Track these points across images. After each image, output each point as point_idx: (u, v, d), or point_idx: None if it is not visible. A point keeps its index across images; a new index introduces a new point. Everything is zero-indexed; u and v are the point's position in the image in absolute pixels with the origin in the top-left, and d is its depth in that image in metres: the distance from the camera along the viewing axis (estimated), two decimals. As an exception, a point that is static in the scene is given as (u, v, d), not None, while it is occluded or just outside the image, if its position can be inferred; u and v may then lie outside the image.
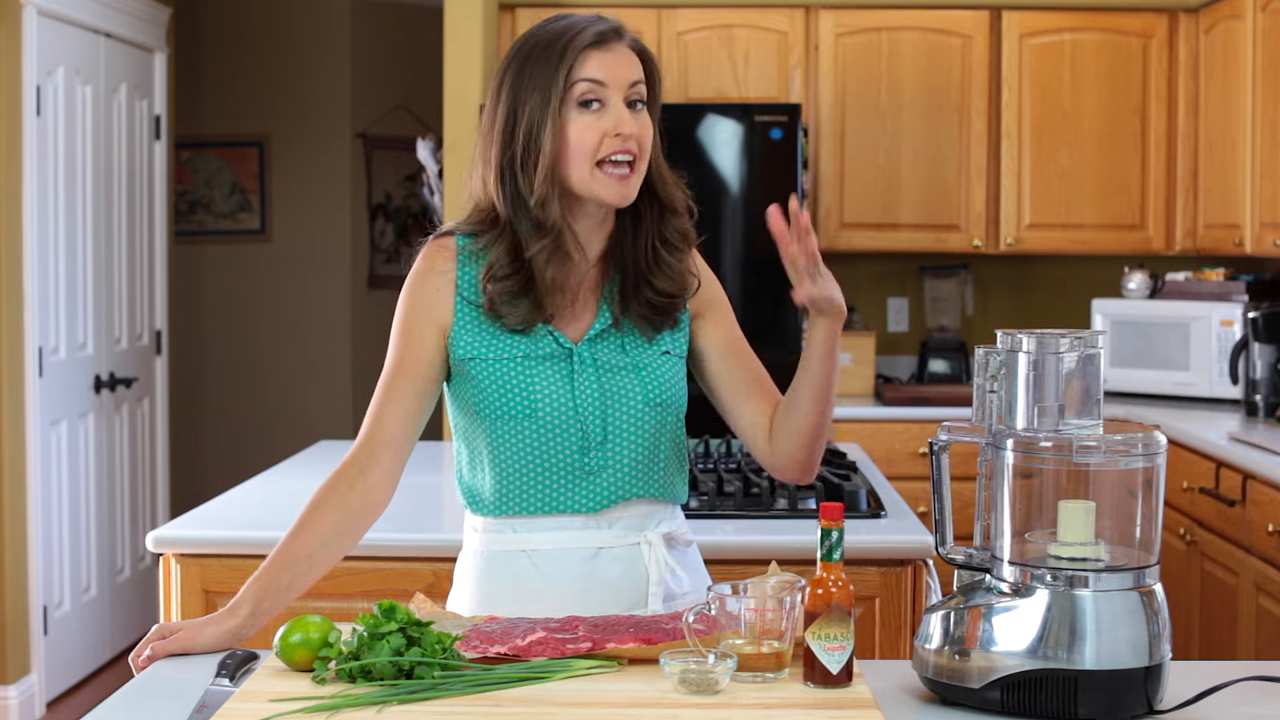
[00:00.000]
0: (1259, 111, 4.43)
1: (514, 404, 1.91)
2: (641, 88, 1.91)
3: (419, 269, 1.97)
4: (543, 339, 1.93)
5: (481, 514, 1.99)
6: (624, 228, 1.97)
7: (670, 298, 1.97)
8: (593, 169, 1.87)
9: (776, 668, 1.66)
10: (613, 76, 1.88)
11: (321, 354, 6.70)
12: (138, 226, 5.37)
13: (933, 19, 5.03)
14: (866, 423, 4.73)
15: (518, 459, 1.93)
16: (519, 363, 1.92)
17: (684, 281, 1.99)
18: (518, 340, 1.92)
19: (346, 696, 1.59)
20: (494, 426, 1.93)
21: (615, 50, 1.90)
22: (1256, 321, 4.41)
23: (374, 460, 1.93)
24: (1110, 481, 1.62)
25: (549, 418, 1.92)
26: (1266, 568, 3.60)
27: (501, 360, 1.92)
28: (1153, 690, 1.58)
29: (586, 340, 1.95)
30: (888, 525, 2.69)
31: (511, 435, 1.92)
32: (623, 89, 1.89)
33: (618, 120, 1.87)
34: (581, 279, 1.96)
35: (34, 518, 4.50)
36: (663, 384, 1.96)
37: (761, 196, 4.58)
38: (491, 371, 1.92)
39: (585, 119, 1.87)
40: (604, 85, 1.87)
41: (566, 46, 1.88)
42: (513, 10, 4.97)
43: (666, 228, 1.98)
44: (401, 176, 6.80)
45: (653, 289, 1.96)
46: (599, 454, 1.93)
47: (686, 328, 2.02)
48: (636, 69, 1.91)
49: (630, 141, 1.88)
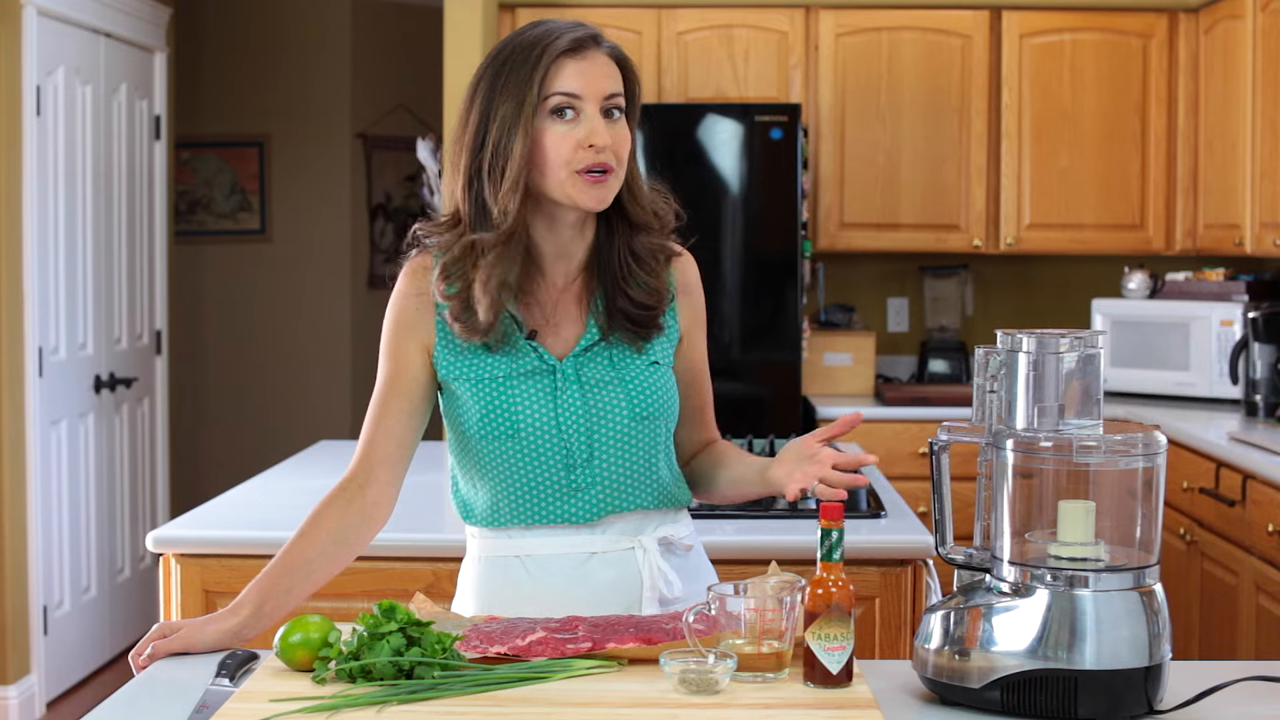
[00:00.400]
0: (1259, 111, 4.43)
1: (496, 424, 1.90)
2: (619, 98, 1.88)
3: (400, 289, 1.97)
4: (525, 356, 1.91)
5: (474, 525, 1.99)
6: (600, 238, 1.96)
7: (647, 309, 1.95)
8: (570, 175, 1.85)
9: (776, 668, 1.66)
10: (587, 87, 1.85)
11: (321, 354, 6.70)
12: (138, 226, 5.37)
13: (933, 19, 5.03)
14: (866, 423, 4.72)
15: (504, 476, 1.93)
16: (500, 383, 1.91)
17: (658, 296, 1.96)
18: (499, 359, 1.91)
19: (346, 696, 1.59)
20: (479, 445, 1.93)
21: (591, 59, 1.87)
22: (1256, 321, 4.41)
23: (371, 477, 1.93)
24: (1110, 481, 1.62)
25: (531, 437, 1.90)
26: (1266, 568, 3.60)
27: (483, 380, 1.91)
28: (1153, 690, 1.58)
29: (572, 356, 1.93)
30: (888, 525, 2.69)
31: (496, 454, 1.92)
32: (597, 99, 1.86)
33: (590, 131, 1.84)
34: (560, 292, 1.95)
35: (34, 518, 4.50)
36: (650, 397, 1.93)
37: (761, 196, 4.58)
38: (473, 392, 1.91)
39: (559, 129, 1.85)
40: (577, 97, 1.85)
41: (541, 54, 1.85)
42: (513, 10, 4.97)
43: (635, 242, 1.95)
44: (401, 176, 6.80)
45: (629, 300, 1.94)
46: (585, 472, 1.92)
47: (675, 336, 2.00)
48: (614, 79, 1.88)
49: (605, 154, 1.85)
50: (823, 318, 5.29)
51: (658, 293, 1.96)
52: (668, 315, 1.99)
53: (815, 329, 5.14)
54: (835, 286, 5.39)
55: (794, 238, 4.55)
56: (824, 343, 5.09)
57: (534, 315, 1.94)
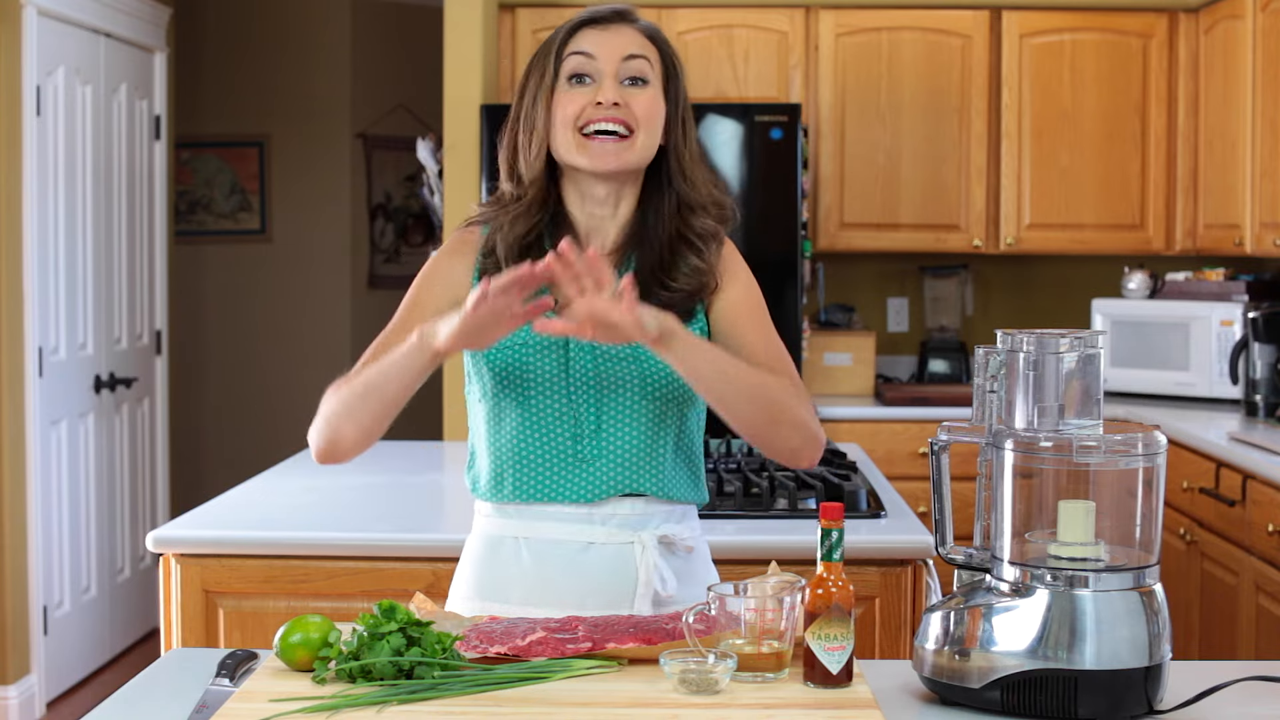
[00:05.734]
0: (1259, 111, 4.43)
1: (508, 386, 1.92)
2: (640, 63, 1.90)
3: (445, 248, 2.00)
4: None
5: (480, 498, 2.00)
6: (644, 220, 1.95)
7: (684, 293, 1.93)
8: (576, 136, 1.88)
9: (776, 668, 1.67)
10: (603, 51, 1.89)
11: (321, 354, 6.69)
12: (138, 226, 5.37)
13: (933, 19, 5.03)
14: (866, 423, 4.73)
15: (510, 444, 1.94)
16: (515, 349, 1.92)
17: (701, 281, 1.94)
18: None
19: (346, 696, 1.59)
20: (491, 407, 1.94)
21: (613, 30, 1.91)
22: (1256, 321, 4.41)
23: None
24: (1110, 481, 1.62)
25: (540, 402, 1.92)
26: (1266, 568, 3.60)
27: (501, 346, 1.92)
28: (1153, 690, 1.58)
29: None
30: (888, 525, 2.69)
31: (504, 420, 1.93)
32: (614, 62, 1.88)
33: (599, 90, 1.88)
34: None
35: (34, 518, 4.50)
36: (664, 374, 1.91)
37: (761, 196, 4.58)
38: (488, 355, 1.93)
39: (572, 92, 1.89)
40: (592, 58, 1.88)
41: (562, 28, 1.92)
42: (513, 10, 4.97)
43: (686, 224, 1.95)
44: (401, 176, 6.80)
45: (666, 288, 1.91)
46: (592, 443, 1.92)
47: (702, 317, 1.97)
48: (638, 46, 1.91)
49: (612, 110, 1.87)
50: (823, 318, 5.29)
51: (701, 277, 1.93)
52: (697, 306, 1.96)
53: (815, 329, 5.14)
54: (835, 286, 5.39)
55: (794, 238, 4.55)
56: (824, 343, 5.09)
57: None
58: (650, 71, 1.91)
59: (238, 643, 2.56)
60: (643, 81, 1.90)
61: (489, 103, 4.63)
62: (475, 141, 4.58)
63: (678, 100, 1.94)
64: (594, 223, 1.95)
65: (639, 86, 1.90)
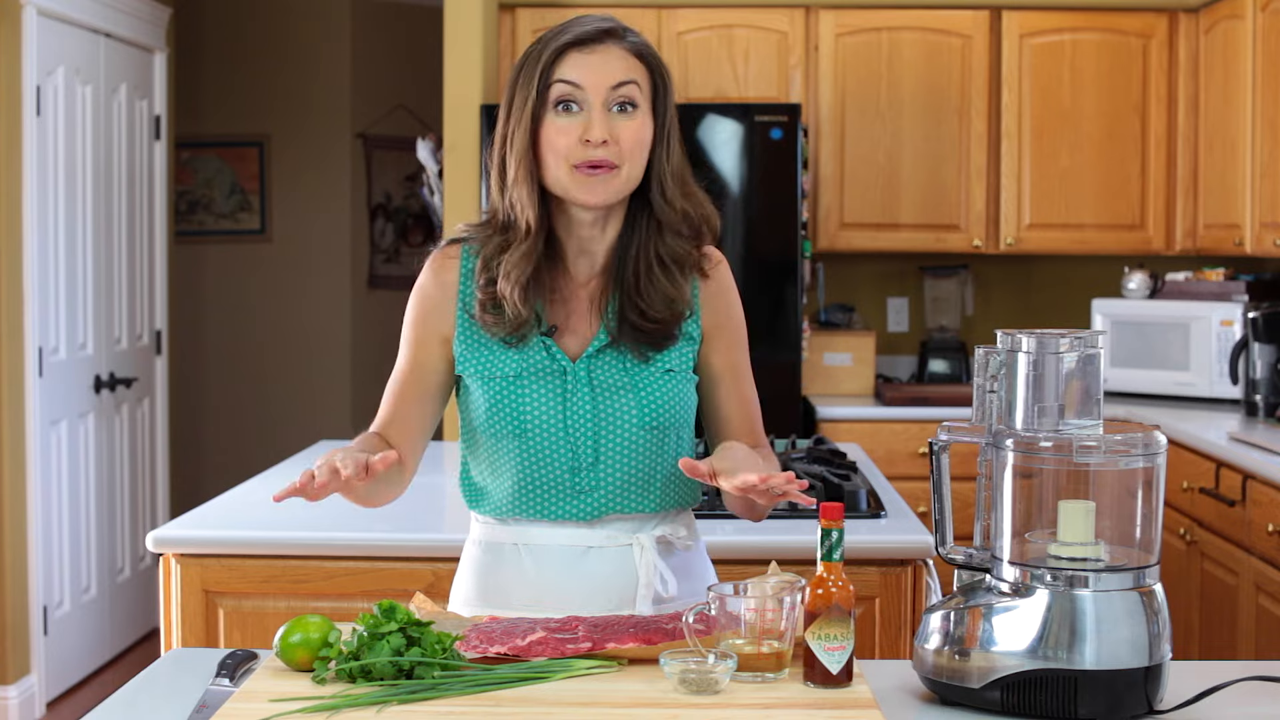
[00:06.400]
0: (1259, 111, 4.43)
1: (503, 422, 1.90)
2: (630, 89, 1.85)
3: (423, 280, 1.96)
4: (538, 354, 1.90)
5: (477, 511, 2.00)
6: (624, 241, 1.92)
7: (656, 323, 1.90)
8: (569, 170, 1.84)
9: (776, 668, 1.66)
10: (589, 77, 1.83)
11: (321, 354, 6.70)
12: (138, 226, 5.37)
13: (933, 19, 5.03)
14: (866, 423, 4.73)
15: (509, 473, 1.93)
16: (511, 381, 1.90)
17: (676, 308, 1.91)
18: (512, 356, 1.90)
19: (346, 696, 1.59)
20: (486, 440, 1.93)
21: (601, 52, 1.85)
22: (1256, 321, 4.41)
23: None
24: (1110, 481, 1.62)
25: (538, 438, 1.89)
26: (1266, 568, 3.60)
27: (494, 378, 1.90)
28: (1153, 690, 1.58)
29: (585, 357, 1.90)
30: (888, 525, 2.69)
31: (502, 450, 1.92)
32: (601, 90, 1.83)
33: (588, 125, 1.83)
34: (579, 289, 1.93)
35: (34, 518, 4.50)
36: (661, 406, 1.91)
37: (761, 196, 4.58)
38: (483, 388, 1.91)
39: (560, 121, 1.84)
40: (579, 88, 1.83)
41: (546, 47, 1.85)
42: (513, 10, 4.97)
43: (662, 246, 1.91)
44: (401, 176, 6.80)
45: (639, 313, 1.89)
46: (590, 475, 1.91)
47: (696, 343, 1.95)
48: (625, 71, 1.85)
49: (600, 149, 1.82)
50: (823, 318, 5.29)
51: (674, 304, 1.91)
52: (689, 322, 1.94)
53: (815, 329, 5.14)
54: (835, 286, 5.39)
55: (794, 238, 4.55)
56: (824, 343, 5.09)
57: (557, 311, 1.92)
58: (639, 94, 1.86)
59: (238, 643, 2.56)
60: (631, 106, 1.85)
61: (489, 103, 4.63)
62: (475, 141, 4.58)
63: (665, 117, 1.90)
64: (583, 245, 1.92)
65: (627, 114, 1.85)
